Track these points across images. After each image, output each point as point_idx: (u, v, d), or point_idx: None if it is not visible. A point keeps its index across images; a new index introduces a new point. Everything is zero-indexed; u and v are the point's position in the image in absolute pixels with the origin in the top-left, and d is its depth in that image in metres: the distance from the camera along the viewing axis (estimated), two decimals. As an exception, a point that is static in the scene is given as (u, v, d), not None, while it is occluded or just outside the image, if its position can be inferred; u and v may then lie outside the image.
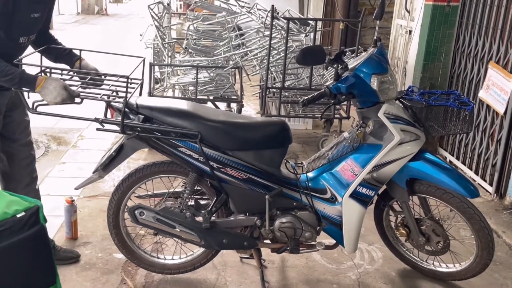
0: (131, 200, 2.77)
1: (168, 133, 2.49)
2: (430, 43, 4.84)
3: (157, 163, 2.69)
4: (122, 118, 2.43)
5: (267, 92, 4.91)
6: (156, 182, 2.78)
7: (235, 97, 4.98)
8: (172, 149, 2.53)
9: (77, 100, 2.43)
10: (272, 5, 4.54)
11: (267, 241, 2.75)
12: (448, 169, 2.63)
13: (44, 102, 2.40)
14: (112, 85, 2.58)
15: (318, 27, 5.62)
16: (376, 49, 2.62)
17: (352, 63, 2.62)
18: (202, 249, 2.82)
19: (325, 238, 2.77)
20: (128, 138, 2.55)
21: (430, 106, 2.66)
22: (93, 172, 2.69)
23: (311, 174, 2.70)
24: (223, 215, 2.74)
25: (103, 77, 2.66)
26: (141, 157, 4.56)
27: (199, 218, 2.65)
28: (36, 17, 2.51)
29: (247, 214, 2.69)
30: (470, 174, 4.41)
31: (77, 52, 2.74)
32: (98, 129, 2.50)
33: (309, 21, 5.36)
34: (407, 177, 2.66)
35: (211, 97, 4.96)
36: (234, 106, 5.21)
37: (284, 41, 4.59)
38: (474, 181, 4.29)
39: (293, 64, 5.00)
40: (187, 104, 2.64)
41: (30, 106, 2.43)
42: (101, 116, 2.46)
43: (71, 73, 2.63)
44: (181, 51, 5.75)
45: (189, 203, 2.69)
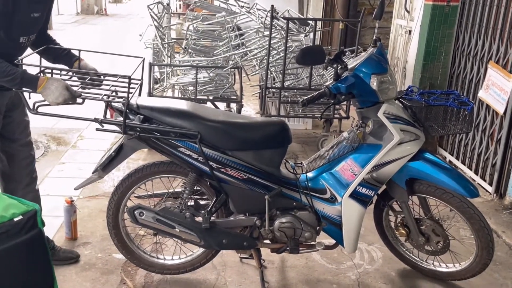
0: (131, 201, 2.77)
1: (168, 133, 2.49)
2: (430, 43, 4.83)
3: (157, 163, 2.69)
4: (124, 119, 2.43)
5: (267, 92, 4.91)
6: (156, 182, 2.78)
7: (235, 97, 4.98)
8: (172, 149, 2.53)
9: (79, 101, 2.42)
10: (272, 5, 4.54)
11: (267, 241, 2.75)
12: (448, 169, 2.63)
13: (45, 103, 2.39)
14: (112, 85, 2.58)
15: (318, 27, 5.62)
16: (376, 49, 2.62)
17: (352, 63, 2.62)
18: (202, 249, 2.82)
19: (325, 238, 2.77)
20: (129, 139, 2.55)
21: (430, 106, 2.66)
22: (93, 172, 2.69)
23: (311, 174, 2.70)
24: (223, 215, 2.73)
25: (103, 77, 2.66)
26: (141, 157, 4.56)
27: (199, 218, 2.65)
28: (36, 17, 2.51)
29: (247, 214, 2.69)
30: (470, 174, 4.41)
31: (76, 53, 2.74)
32: (98, 129, 2.50)
33: (309, 21, 5.36)
34: (407, 177, 2.66)
35: (211, 97, 4.95)
36: (234, 106, 5.20)
37: (284, 41, 4.59)
38: (474, 181, 4.29)
39: (293, 64, 5.00)
40: (187, 104, 2.64)
41: (31, 107, 2.43)
42: (101, 117, 2.45)
43: (70, 74, 2.63)
44: (181, 51, 5.74)
45: (189, 203, 2.69)
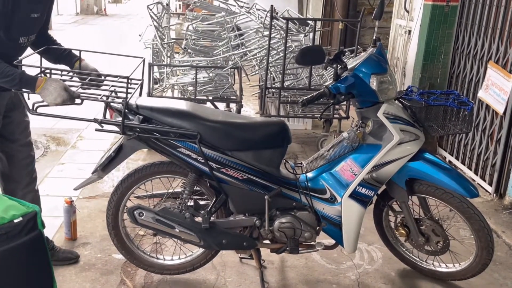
0: (130, 201, 2.76)
1: (168, 134, 2.49)
2: (430, 43, 4.83)
3: (156, 164, 2.69)
4: (123, 119, 2.43)
5: (267, 92, 4.90)
6: (155, 183, 2.78)
7: (235, 97, 4.97)
8: (172, 150, 2.53)
9: (78, 101, 2.42)
10: (271, 5, 4.54)
11: (267, 242, 2.75)
12: (448, 169, 2.63)
13: (45, 103, 2.39)
14: (112, 86, 2.57)
15: (317, 27, 5.62)
16: (375, 49, 2.62)
17: (352, 63, 2.61)
18: (202, 250, 2.81)
19: (325, 238, 2.77)
20: (129, 139, 2.55)
21: (430, 106, 2.65)
22: (92, 173, 2.69)
23: (311, 174, 2.70)
24: (223, 216, 2.73)
25: (103, 78, 2.66)
26: (140, 158, 4.56)
27: (199, 219, 2.65)
28: (36, 17, 2.50)
29: (247, 215, 2.69)
30: (470, 174, 4.41)
31: (77, 53, 2.74)
32: (97, 130, 2.49)
33: (308, 21, 5.36)
34: (407, 177, 2.66)
35: (210, 97, 4.95)
36: (234, 106, 5.20)
37: (283, 41, 4.59)
38: (474, 181, 4.29)
39: (292, 64, 5.00)
40: (186, 105, 2.64)
41: (30, 107, 2.43)
42: (100, 117, 2.45)
43: (71, 74, 2.63)
44: (180, 51, 5.74)
45: (189, 204, 2.69)
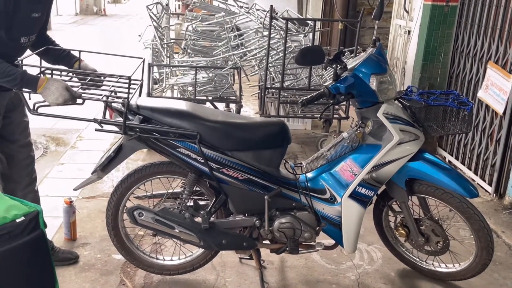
0: (130, 201, 2.76)
1: (167, 134, 2.49)
2: (429, 43, 4.83)
3: (156, 164, 2.69)
4: (124, 119, 2.42)
5: (266, 93, 4.90)
6: (155, 183, 2.78)
7: (234, 98, 4.97)
8: (171, 150, 2.53)
9: (79, 101, 2.42)
10: (271, 5, 4.54)
11: (266, 242, 2.74)
12: (448, 169, 2.63)
13: (46, 103, 2.39)
14: (112, 86, 2.57)
15: (317, 27, 5.62)
16: (375, 49, 2.62)
17: (351, 63, 2.61)
18: (201, 250, 2.81)
19: (325, 239, 2.76)
20: (129, 139, 2.54)
21: (429, 106, 2.65)
22: (92, 173, 2.68)
23: (310, 175, 2.70)
24: (222, 216, 2.73)
25: (103, 78, 2.66)
26: (140, 158, 4.56)
27: (198, 219, 2.65)
28: (37, 17, 2.51)
29: (246, 215, 2.69)
30: (469, 174, 4.41)
31: (76, 53, 2.73)
32: (97, 130, 2.49)
33: (308, 21, 5.36)
34: (407, 177, 2.66)
35: (210, 98, 4.95)
36: (233, 107, 5.20)
37: (283, 41, 4.59)
38: (474, 181, 4.29)
39: (292, 65, 5.00)
40: (186, 105, 2.64)
41: (31, 107, 2.42)
42: (100, 117, 2.45)
43: (71, 74, 2.62)
44: (180, 52, 5.74)
45: (188, 204, 2.69)
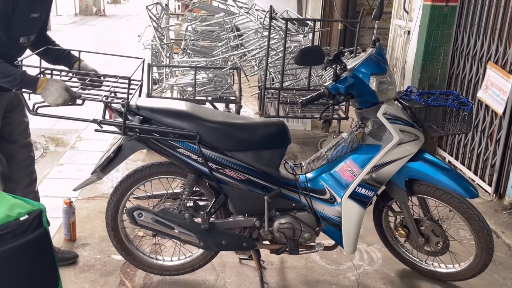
0: (130, 202, 2.76)
1: (167, 134, 2.49)
2: (429, 43, 4.83)
3: (156, 164, 2.68)
4: (124, 120, 2.42)
5: (266, 93, 4.90)
6: (155, 183, 2.77)
7: (234, 98, 4.97)
8: (171, 150, 2.53)
9: (79, 102, 2.42)
10: (271, 6, 4.54)
11: (266, 242, 2.74)
12: (447, 170, 2.63)
13: (45, 104, 2.39)
14: (112, 87, 2.57)
15: (317, 28, 5.62)
16: (375, 50, 2.62)
17: (351, 64, 2.61)
18: (201, 250, 2.81)
19: (324, 239, 2.76)
20: (129, 140, 2.54)
21: (429, 107, 2.65)
22: (92, 174, 2.68)
23: (310, 175, 2.70)
24: (222, 216, 2.73)
25: (103, 78, 2.65)
26: (140, 158, 4.55)
27: (198, 219, 2.65)
28: (36, 17, 2.50)
29: (246, 215, 2.69)
30: (469, 175, 4.41)
31: (76, 54, 2.73)
32: (97, 130, 2.49)
33: (308, 22, 5.36)
34: (406, 178, 2.66)
35: (210, 98, 4.95)
36: (233, 107, 5.20)
37: (283, 42, 4.59)
38: (473, 181, 4.29)
39: (292, 65, 5.00)
40: (186, 105, 2.63)
41: (31, 108, 2.42)
42: (99, 118, 2.44)
43: (70, 75, 2.62)
44: (180, 52, 5.74)
45: (188, 204, 2.68)
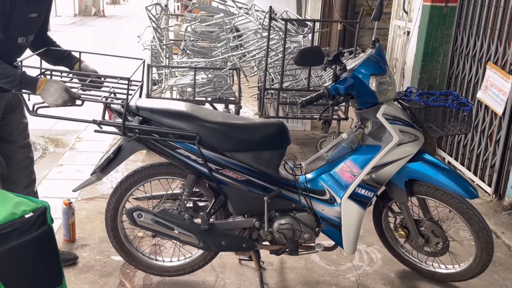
0: (129, 202, 2.76)
1: (167, 135, 2.48)
2: (428, 44, 4.83)
3: (155, 165, 2.68)
4: (124, 120, 2.42)
5: (265, 93, 4.90)
6: (154, 184, 2.77)
7: (233, 99, 4.97)
8: (171, 151, 2.52)
9: (78, 102, 2.41)
10: (270, 6, 4.54)
11: (266, 243, 2.74)
12: (447, 170, 2.63)
13: (45, 105, 2.38)
14: (112, 87, 2.57)
15: (316, 28, 5.62)
16: (374, 50, 2.62)
17: (351, 64, 2.61)
18: (201, 251, 2.81)
19: (324, 240, 2.76)
20: (129, 140, 2.54)
21: (429, 107, 2.65)
22: (91, 174, 2.68)
23: (310, 176, 2.70)
24: (222, 217, 2.73)
25: (103, 79, 2.65)
26: (139, 159, 4.55)
27: (198, 220, 2.64)
28: (34, 17, 2.50)
29: (246, 216, 2.68)
30: (469, 175, 4.41)
31: (76, 54, 2.73)
32: (96, 131, 2.49)
33: (307, 22, 5.36)
34: (406, 178, 2.66)
35: (209, 99, 4.95)
36: (232, 108, 5.20)
37: (282, 42, 4.59)
38: (473, 182, 4.28)
39: (291, 65, 5.00)
40: (186, 106, 2.63)
41: (30, 109, 2.42)
42: (99, 118, 2.44)
43: (71, 75, 2.62)
44: (179, 53, 5.74)
45: (188, 205, 2.68)
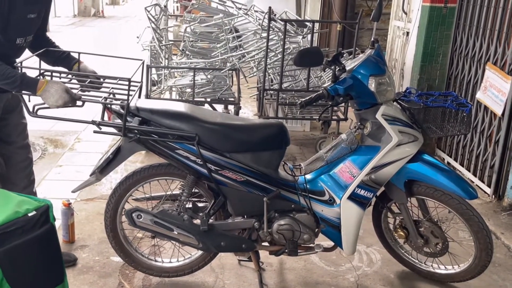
0: (129, 203, 2.76)
1: (166, 135, 2.48)
2: (428, 45, 4.84)
3: (155, 166, 2.68)
4: (124, 121, 2.42)
5: (265, 94, 4.91)
6: (154, 185, 2.77)
7: (233, 99, 4.97)
8: (170, 151, 2.52)
9: (79, 103, 2.41)
10: (269, 7, 4.55)
11: (265, 244, 2.74)
12: (446, 171, 2.63)
13: (45, 106, 2.38)
14: (112, 88, 2.57)
15: (315, 29, 5.62)
16: (374, 51, 2.62)
17: (350, 65, 2.61)
18: (200, 252, 2.80)
19: (324, 240, 2.76)
20: (129, 141, 2.54)
21: (428, 108, 2.66)
22: (90, 175, 2.68)
23: (309, 176, 2.70)
24: (221, 218, 2.73)
25: (102, 80, 2.65)
26: (138, 160, 4.55)
27: (197, 221, 2.64)
28: (33, 18, 2.50)
29: (245, 217, 2.68)
30: (468, 176, 4.41)
31: (76, 55, 2.73)
32: (96, 132, 2.48)
33: (306, 23, 5.36)
34: (405, 179, 2.66)
35: (209, 99, 4.95)
36: (232, 108, 5.20)
37: (282, 43, 4.59)
38: (472, 183, 4.28)
39: (291, 66, 5.00)
40: (185, 107, 2.63)
41: (30, 110, 2.42)
42: (98, 119, 2.44)
43: (70, 76, 2.62)
44: (178, 53, 5.74)
45: (187, 206, 2.68)
